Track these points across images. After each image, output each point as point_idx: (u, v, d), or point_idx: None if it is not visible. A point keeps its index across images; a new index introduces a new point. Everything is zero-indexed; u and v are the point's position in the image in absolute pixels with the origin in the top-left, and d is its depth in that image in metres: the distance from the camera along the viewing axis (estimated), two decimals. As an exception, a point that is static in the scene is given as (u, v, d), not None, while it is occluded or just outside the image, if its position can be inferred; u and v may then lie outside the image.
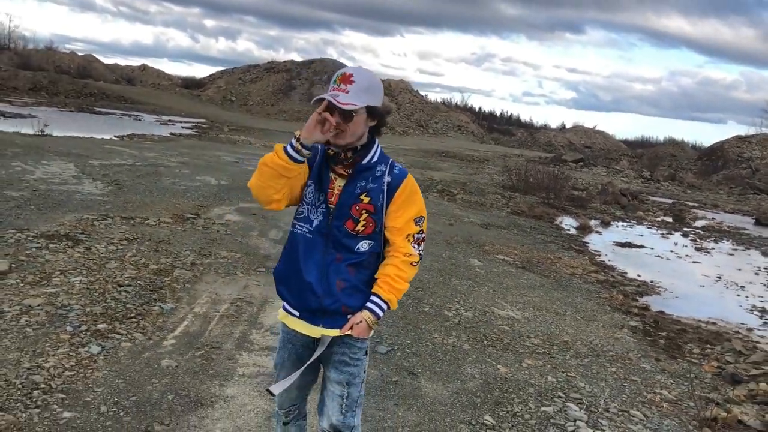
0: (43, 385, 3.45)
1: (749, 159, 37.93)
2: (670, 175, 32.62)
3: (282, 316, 2.47)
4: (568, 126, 68.15)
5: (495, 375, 4.60)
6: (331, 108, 2.20)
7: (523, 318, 6.20)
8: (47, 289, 4.88)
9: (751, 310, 8.55)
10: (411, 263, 2.38)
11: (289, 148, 2.21)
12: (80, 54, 62.24)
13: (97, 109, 31.55)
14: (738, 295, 9.36)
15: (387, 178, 2.34)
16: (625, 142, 67.22)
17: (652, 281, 9.43)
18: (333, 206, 2.32)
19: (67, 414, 3.21)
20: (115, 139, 17.79)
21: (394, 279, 2.35)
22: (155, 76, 63.55)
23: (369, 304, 2.35)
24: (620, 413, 4.31)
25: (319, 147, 2.35)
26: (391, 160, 2.39)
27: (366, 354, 2.46)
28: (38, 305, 4.54)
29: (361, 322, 2.33)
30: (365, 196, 2.32)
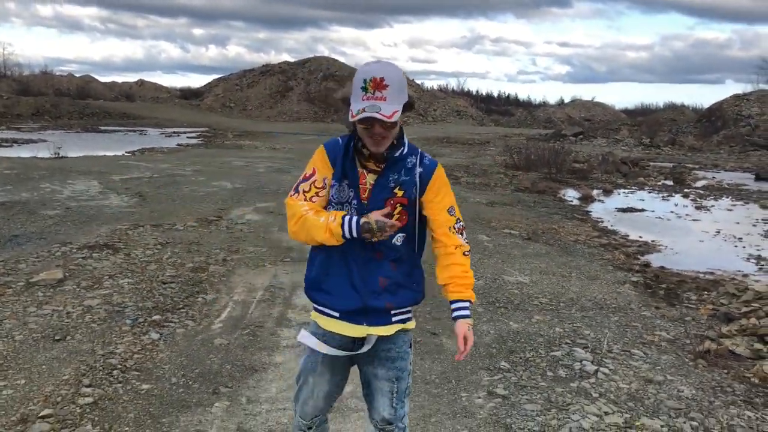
0: (119, 366, 4.02)
1: (748, 116, 38.17)
2: (670, 139, 32.95)
3: (315, 316, 2.42)
4: (566, 101, 68.34)
5: (508, 330, 5.14)
6: (371, 119, 2.15)
7: (531, 282, 6.73)
8: (101, 291, 5.45)
9: (748, 259, 9.04)
10: (464, 253, 2.39)
11: (346, 229, 2.23)
12: (77, 75, 63.05)
13: (102, 128, 32.19)
14: (735, 246, 9.85)
15: (419, 169, 2.32)
16: (625, 111, 67.29)
17: (653, 241, 9.92)
18: (366, 202, 2.29)
19: (145, 386, 3.79)
20: (127, 154, 18.42)
21: (462, 277, 2.37)
22: (153, 89, 64.14)
23: (460, 312, 2.38)
24: (622, 353, 4.84)
25: (340, 141, 2.35)
26: (419, 150, 2.38)
27: (410, 346, 2.48)
28: (97, 305, 5.12)
29: (469, 329, 2.36)
30: (398, 189, 2.29)
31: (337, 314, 2.34)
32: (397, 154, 2.30)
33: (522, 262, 7.61)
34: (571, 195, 14.75)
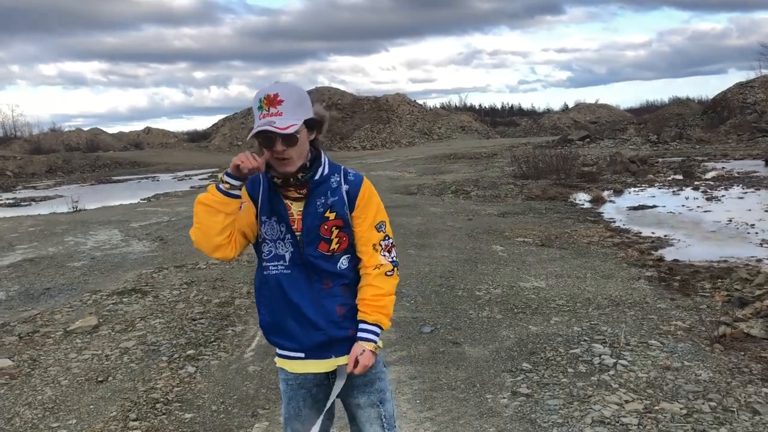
0: (161, 399, 4.25)
1: (754, 103, 38.13)
2: (676, 134, 33.00)
3: (282, 363, 2.34)
4: (570, 106, 68.64)
5: (527, 333, 5.32)
6: (269, 139, 2.10)
7: (547, 286, 6.90)
8: (135, 333, 5.70)
9: (761, 244, 9.14)
10: (385, 273, 2.29)
11: (221, 185, 2.14)
12: (85, 129, 64.38)
13: (114, 178, 32.84)
14: (748, 233, 9.95)
15: (345, 187, 2.26)
16: (631, 110, 67.49)
17: (665, 236, 10.05)
18: (299, 233, 2.23)
19: (188, 415, 4.02)
20: (143, 201, 18.85)
21: (372, 299, 2.26)
22: (160, 135, 65.30)
23: (361, 334, 2.26)
24: (639, 344, 4.99)
25: (261, 177, 2.25)
26: (342, 167, 2.31)
27: (384, 366, 2.43)
28: (133, 346, 5.37)
29: (363, 352, 2.24)
30: (330, 212, 2.23)
31: (302, 354, 2.27)
32: (317, 177, 2.23)
33: (537, 267, 7.78)
34: (582, 198, 14.90)
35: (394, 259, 2.33)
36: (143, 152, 50.02)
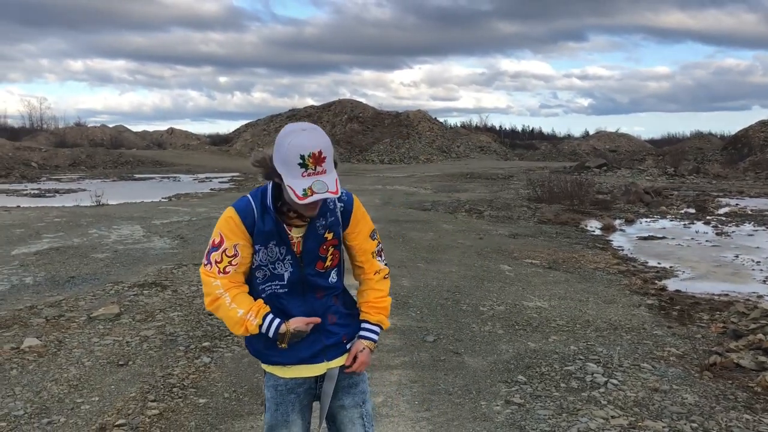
0: (178, 385, 4.56)
1: (774, 142, 38.03)
2: (694, 168, 33.05)
3: (272, 369, 2.38)
4: (591, 133, 68.75)
5: (525, 348, 5.58)
6: (314, 205, 2.17)
7: (549, 306, 7.15)
8: (154, 323, 6.03)
9: (765, 281, 9.32)
10: (384, 277, 2.47)
11: (261, 326, 2.25)
12: (110, 126, 65.45)
13: (137, 176, 33.44)
14: (753, 270, 10.13)
15: (339, 206, 2.34)
16: (651, 141, 67.41)
17: (671, 267, 10.26)
18: (300, 255, 2.28)
19: (202, 400, 4.32)
20: (164, 200, 19.32)
21: (376, 301, 2.43)
22: (183, 137, 66.21)
23: (364, 333, 2.42)
24: (632, 366, 5.23)
25: (254, 206, 2.26)
26: None
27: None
28: (152, 334, 5.69)
29: (363, 349, 2.38)
30: (328, 233, 2.30)
31: (295, 360, 2.34)
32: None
33: (542, 288, 8.03)
34: (593, 225, 15.11)
35: (386, 262, 2.51)
36: (166, 152, 50.81)
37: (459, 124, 67.61)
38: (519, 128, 79.01)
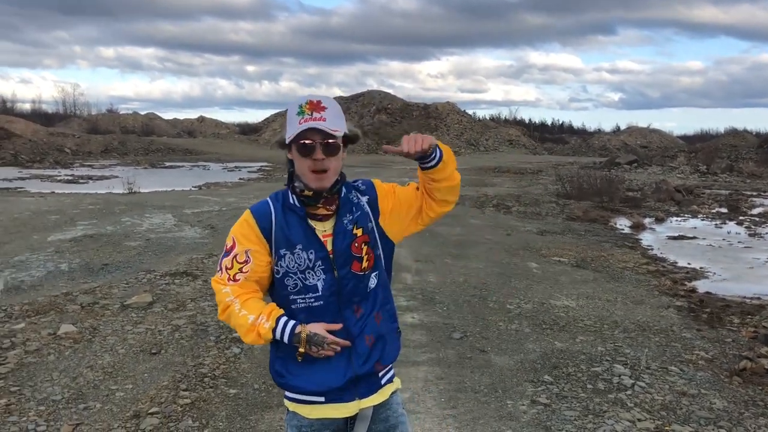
0: (209, 375, 4.67)
1: (812, 141, 37.15)
2: (727, 166, 32.44)
3: (295, 408, 2.09)
4: (622, 128, 67.79)
5: (552, 348, 5.58)
6: (310, 147, 1.96)
7: (577, 306, 7.13)
8: (186, 313, 6.15)
9: (798, 285, 9.16)
10: None
11: (275, 330, 1.99)
12: (142, 113, 66.36)
13: (167, 164, 33.90)
14: (786, 273, 9.96)
15: (364, 198, 2.13)
16: (684, 137, 66.21)
17: (701, 267, 10.12)
18: (332, 256, 2.04)
19: (232, 390, 4.42)
20: (195, 189, 19.58)
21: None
22: (213, 125, 66.87)
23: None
24: (660, 369, 5.21)
25: (272, 208, 2.09)
26: (348, 181, 2.15)
27: (403, 406, 2.24)
28: (184, 324, 5.81)
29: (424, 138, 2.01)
30: (356, 228, 2.07)
31: (323, 398, 2.05)
32: (343, 193, 2.10)
33: (570, 287, 8.00)
34: (622, 223, 14.95)
35: None
36: (196, 140, 51.39)
37: (487, 117, 67.29)
38: (548, 122, 78.25)
